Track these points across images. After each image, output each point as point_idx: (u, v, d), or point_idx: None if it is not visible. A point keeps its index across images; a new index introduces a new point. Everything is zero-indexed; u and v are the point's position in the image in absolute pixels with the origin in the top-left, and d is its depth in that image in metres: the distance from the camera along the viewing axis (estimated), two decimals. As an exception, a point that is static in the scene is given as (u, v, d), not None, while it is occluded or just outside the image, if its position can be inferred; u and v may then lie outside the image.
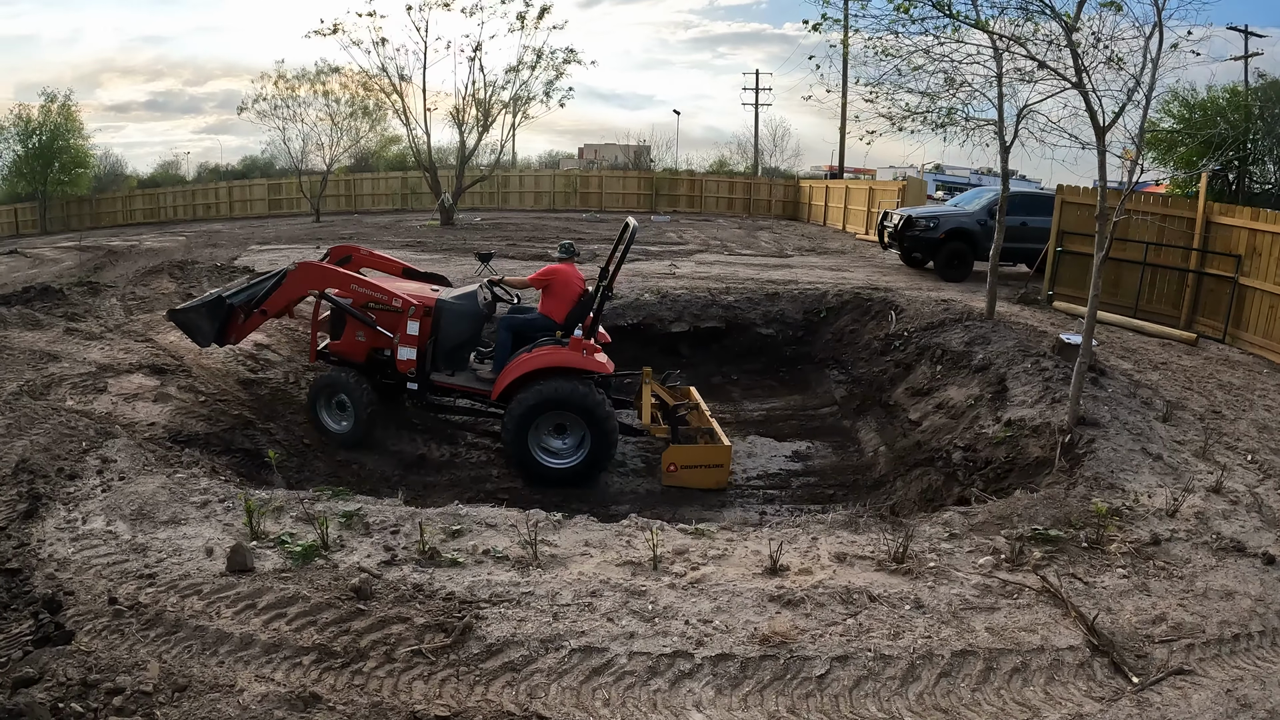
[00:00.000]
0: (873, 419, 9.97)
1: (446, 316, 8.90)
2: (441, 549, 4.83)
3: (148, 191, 45.02)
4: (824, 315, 12.88)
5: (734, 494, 8.56)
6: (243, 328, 9.31)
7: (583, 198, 39.10)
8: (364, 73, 29.54)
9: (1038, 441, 6.86)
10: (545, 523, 5.27)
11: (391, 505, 5.66)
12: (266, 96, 34.11)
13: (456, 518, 5.34)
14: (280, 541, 4.95)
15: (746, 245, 22.40)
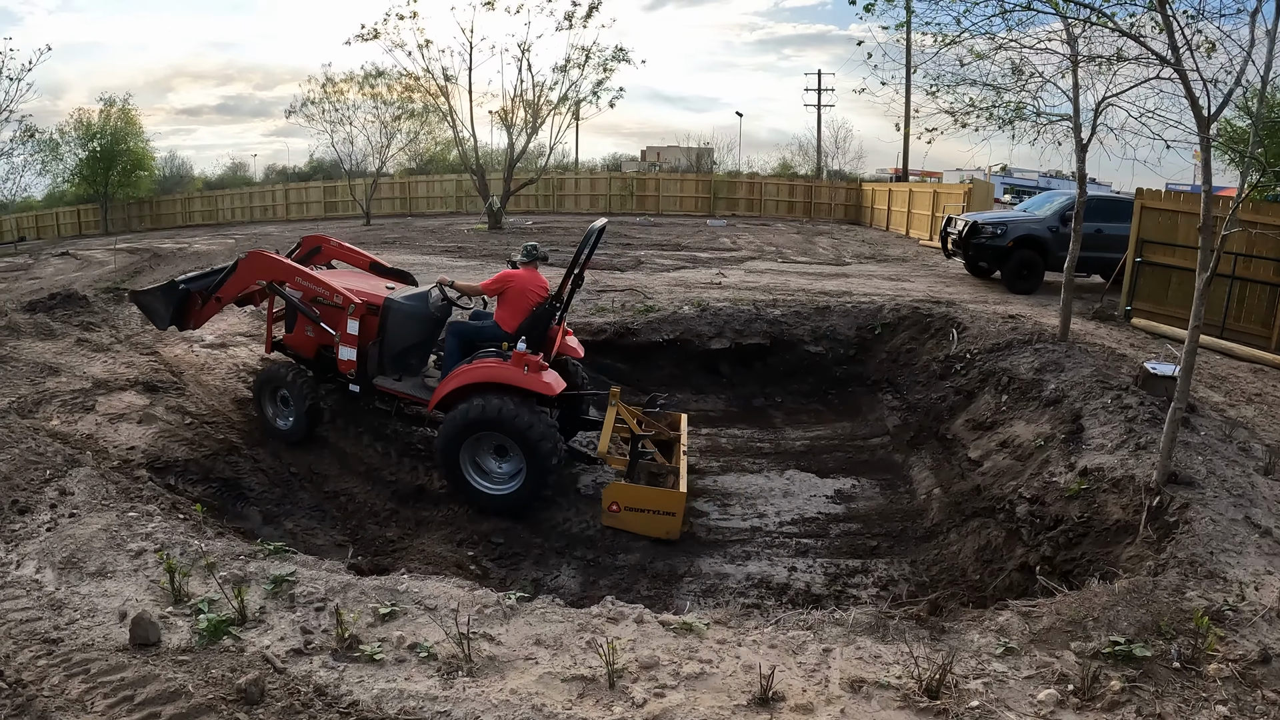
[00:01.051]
0: (928, 454, 8.88)
1: (394, 317, 8.52)
2: (365, 637, 4.10)
3: (207, 194, 45.82)
4: (878, 332, 11.79)
5: (763, 541, 7.60)
6: (200, 314, 9.39)
7: (640, 201, 38.34)
8: (409, 75, 29.25)
9: (1119, 500, 5.74)
10: (494, 610, 4.38)
11: (330, 571, 4.95)
12: (314, 100, 34.24)
13: (394, 594, 4.56)
14: (197, 610, 4.37)
15: (803, 252, 21.30)
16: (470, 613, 4.27)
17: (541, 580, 7.09)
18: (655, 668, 3.74)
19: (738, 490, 8.81)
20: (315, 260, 9.74)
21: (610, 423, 8.37)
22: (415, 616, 4.32)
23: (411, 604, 4.45)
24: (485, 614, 4.35)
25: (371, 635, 4.13)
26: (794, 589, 6.71)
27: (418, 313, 8.79)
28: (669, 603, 6.59)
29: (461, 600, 4.47)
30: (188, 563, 4.92)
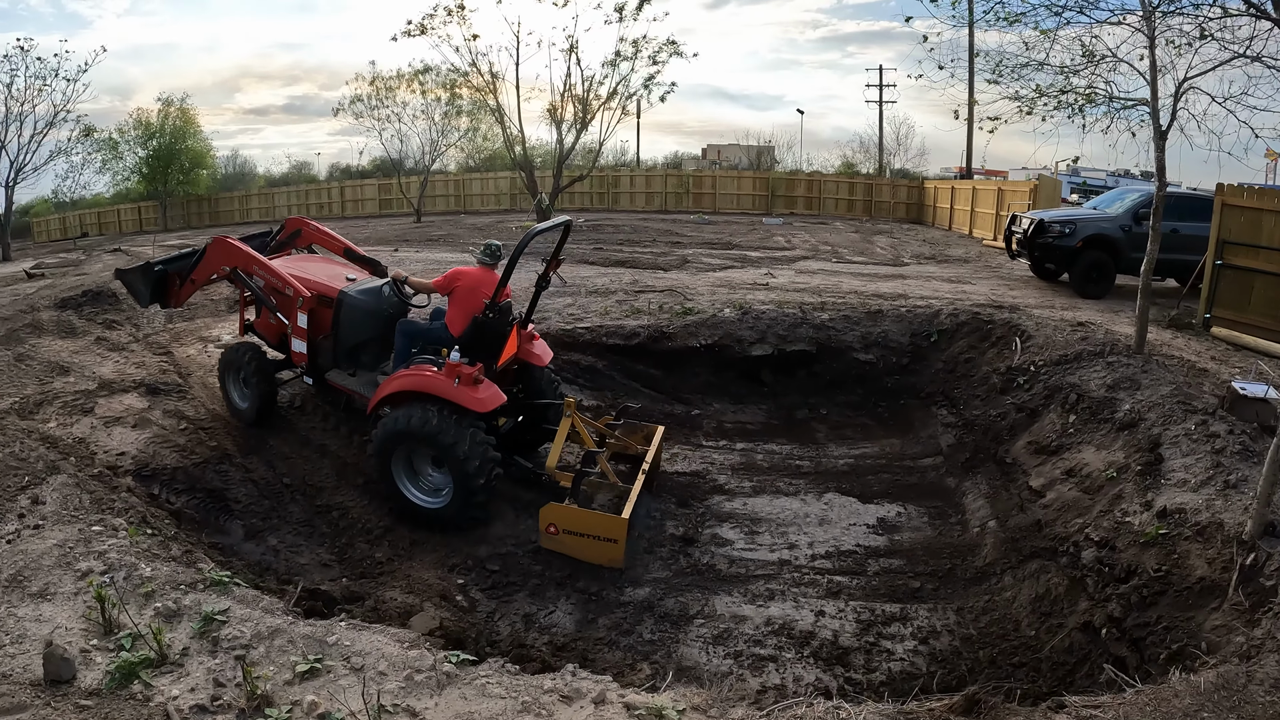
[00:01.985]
0: (984, 480, 8.00)
1: (347, 311, 8.33)
2: (278, 697, 3.63)
3: (264, 191, 46.39)
4: (934, 339, 10.88)
5: (791, 578, 6.84)
6: (179, 294, 9.50)
7: (696, 199, 37.55)
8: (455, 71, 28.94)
9: (1203, 551, 4.84)
10: (426, 676, 3.76)
11: (265, 612, 4.45)
12: (362, 97, 34.30)
13: (322, 647, 4.03)
14: (120, 647, 4.02)
15: (860, 252, 20.34)
16: (398, 679, 3.73)
17: (534, 616, 6.46)
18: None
19: (769, 515, 8.05)
20: (297, 243, 9.87)
21: (562, 436, 7.86)
22: (339, 676, 3.81)
23: (339, 660, 3.95)
24: (415, 681, 3.80)
25: (285, 696, 3.67)
26: (819, 639, 5.93)
27: (371, 308, 8.47)
28: (672, 650, 5.94)
29: (393, 661, 3.91)
30: (128, 589, 4.59)
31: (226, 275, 9.14)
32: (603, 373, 11.17)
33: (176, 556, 5.46)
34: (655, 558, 7.39)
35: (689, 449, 9.77)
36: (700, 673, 5.68)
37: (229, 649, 4.06)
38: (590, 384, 11.02)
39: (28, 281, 19.80)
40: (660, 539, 7.71)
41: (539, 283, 8.22)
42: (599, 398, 10.81)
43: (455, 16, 26.81)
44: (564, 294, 13.74)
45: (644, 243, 22.66)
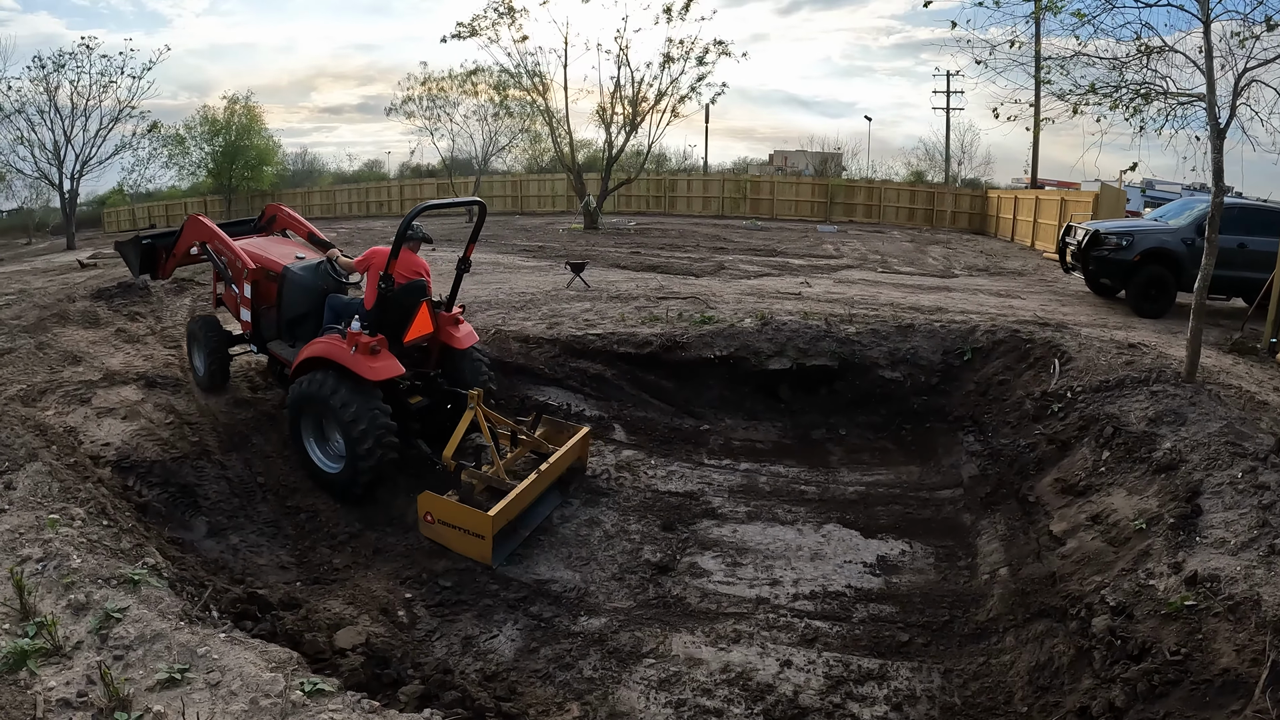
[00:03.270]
0: (1002, 519, 7.06)
1: (288, 286, 8.73)
2: (136, 702, 3.71)
3: (327, 189, 46.87)
4: (968, 358, 9.91)
5: (765, 619, 6.06)
6: (165, 267, 10.20)
7: (754, 204, 36.63)
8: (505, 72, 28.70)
9: (1232, 634, 3.91)
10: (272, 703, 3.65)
11: (160, 614, 4.44)
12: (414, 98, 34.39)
13: (193, 657, 4.06)
14: (25, 634, 4.15)
15: (910, 262, 19.29)
16: (244, 701, 3.71)
17: (474, 639, 5.94)
18: None
19: (758, 546, 7.27)
20: (274, 227, 10.41)
21: (463, 427, 7.75)
22: (194, 690, 3.84)
23: (201, 672, 3.96)
24: (259, 705, 3.71)
25: (142, 701, 3.73)
26: (776, 694, 5.14)
27: (309, 284, 8.75)
28: (610, 692, 5.30)
29: (248, 681, 3.85)
30: (54, 579, 4.73)
31: (199, 250, 9.70)
32: (610, 382, 10.47)
33: (124, 550, 5.40)
34: (623, 585, 6.73)
35: (688, 467, 9.03)
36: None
37: (113, 648, 4.13)
38: (596, 393, 10.34)
39: (80, 271, 20.09)
40: (633, 565, 7.03)
41: (459, 266, 8.70)
42: (604, 408, 10.15)
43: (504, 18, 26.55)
44: (583, 298, 13.12)
45: (686, 248, 21.93)
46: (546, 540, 7.49)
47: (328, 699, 3.80)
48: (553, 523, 7.82)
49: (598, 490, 8.48)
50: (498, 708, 4.98)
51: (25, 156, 35.77)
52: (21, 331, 11.66)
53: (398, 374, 7.52)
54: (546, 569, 7.00)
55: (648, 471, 8.93)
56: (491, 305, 12.78)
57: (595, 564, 7.08)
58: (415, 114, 36.00)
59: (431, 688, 5.04)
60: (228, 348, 9.45)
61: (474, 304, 12.97)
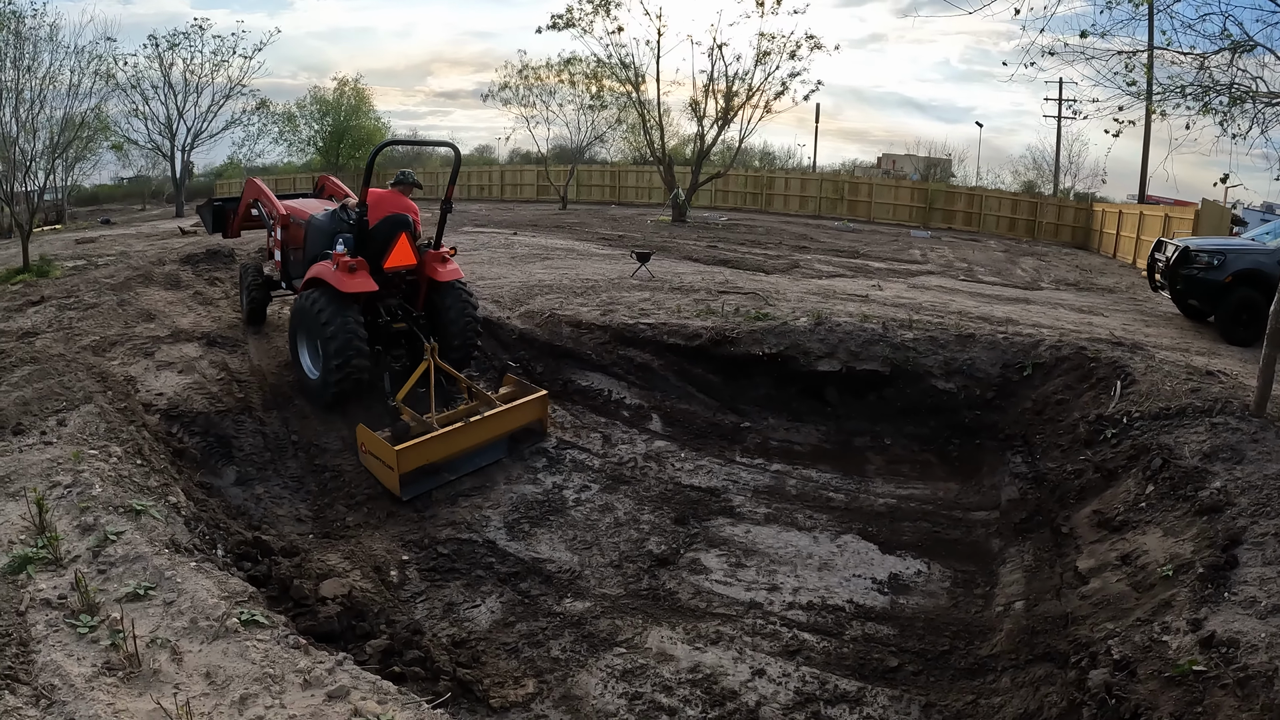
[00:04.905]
0: (1031, 549, 6.38)
1: (310, 231, 9.47)
2: (104, 608, 4.06)
3: (431, 170, 47.46)
4: (1027, 373, 9.09)
5: (752, 624, 5.66)
6: (234, 225, 11.46)
7: (851, 206, 35.40)
8: (599, 62, 28.46)
9: (1236, 712, 3.27)
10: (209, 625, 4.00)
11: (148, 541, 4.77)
12: (509, 85, 34.57)
13: (160, 578, 4.39)
14: (33, 544, 4.61)
15: (997, 272, 18.20)
16: (185, 620, 4.03)
17: (456, 606, 5.95)
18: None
19: (768, 549, 6.82)
20: (324, 194, 11.15)
21: (417, 375, 8.39)
22: (151, 605, 4.16)
23: (164, 592, 4.28)
24: (198, 626, 4.00)
25: (107, 609, 4.05)
26: (738, 703, 4.77)
27: (327, 226, 9.31)
28: (571, 674, 5.17)
29: (197, 604, 4.15)
30: (72, 503, 5.11)
31: (253, 207, 10.88)
32: (656, 372, 10.11)
33: (150, 487, 5.70)
34: (618, 573, 6.49)
35: (718, 463, 8.62)
36: (581, 706, 4.83)
37: (100, 564, 4.48)
38: (640, 382, 10.00)
39: (179, 238, 20.90)
40: (634, 554, 6.74)
41: (442, 207, 9.56)
42: (646, 397, 9.83)
43: (600, 9, 26.29)
44: (644, 288, 12.75)
45: (768, 245, 21.29)
46: (555, 520, 7.35)
47: (259, 631, 4.02)
48: (566, 502, 7.67)
49: (619, 477, 8.19)
50: (454, 672, 4.99)
51: (139, 128, 37.73)
52: (108, 289, 12.22)
53: (369, 289, 8.23)
54: (547, 548, 6.84)
55: (675, 464, 8.56)
56: (553, 289, 12.61)
57: (597, 549, 6.84)
58: (511, 101, 36.23)
59: (397, 644, 5.15)
60: (266, 289, 10.48)
61: (536, 287, 12.80)
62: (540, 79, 34.55)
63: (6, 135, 16.98)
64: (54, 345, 9.24)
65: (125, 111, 36.82)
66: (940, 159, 48.75)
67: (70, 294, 12.24)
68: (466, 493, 7.74)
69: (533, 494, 7.81)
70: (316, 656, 3.88)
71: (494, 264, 15.72)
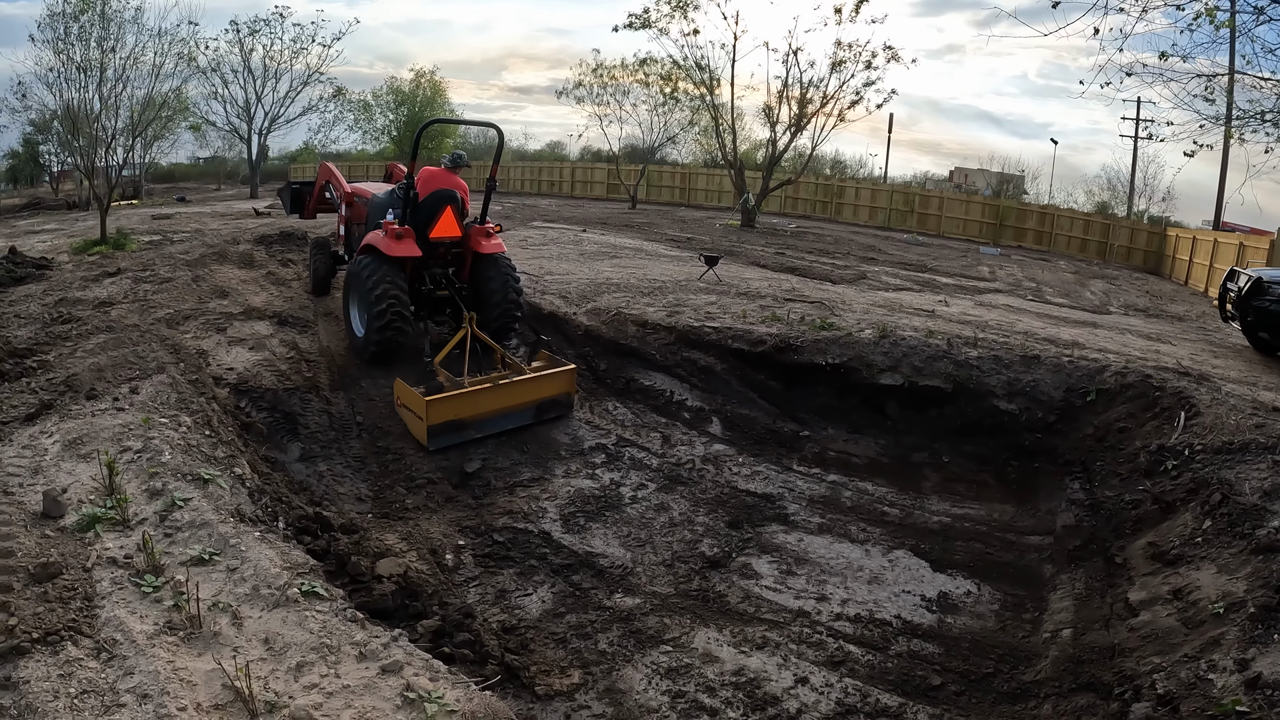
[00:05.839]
0: (1083, 577, 6.27)
1: (371, 208, 10.14)
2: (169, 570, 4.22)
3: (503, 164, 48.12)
4: (1091, 399, 8.90)
5: (799, 632, 5.68)
6: (309, 206, 12.38)
7: (921, 219, 34.79)
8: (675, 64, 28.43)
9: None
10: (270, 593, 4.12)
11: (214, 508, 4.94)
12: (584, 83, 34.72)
13: (225, 545, 4.52)
14: (102, 504, 4.82)
15: (1065, 294, 17.75)
16: (247, 587, 4.15)
17: (508, 593, 6.03)
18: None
19: (819, 559, 6.83)
20: (393, 180, 11.34)
21: (455, 340, 8.91)
22: (215, 570, 4.28)
23: (228, 558, 4.40)
24: (260, 593, 4.11)
25: (171, 571, 4.20)
26: (779, 709, 4.80)
27: (384, 203, 9.83)
28: (616, 668, 5.21)
29: (260, 573, 4.28)
30: (141, 467, 5.32)
31: (325, 190, 11.85)
32: (718, 376, 10.15)
33: (216, 457, 5.87)
34: (670, 572, 6.55)
35: (775, 470, 8.63)
36: (624, 700, 4.88)
37: (166, 528, 4.65)
38: (702, 385, 10.06)
39: (254, 218, 21.46)
40: (687, 555, 6.80)
41: (487, 185, 10.03)
42: (706, 400, 9.89)
43: (676, 10, 26.26)
44: (711, 291, 12.78)
45: (835, 254, 21.10)
46: (611, 516, 7.43)
47: (319, 603, 4.11)
48: (623, 499, 7.76)
49: (677, 478, 8.27)
50: (502, 657, 5.06)
51: (218, 111, 38.83)
52: (184, 265, 12.66)
53: (413, 255, 8.91)
54: (601, 543, 6.92)
55: (732, 468, 8.60)
56: (620, 288, 12.70)
57: (650, 547, 6.91)
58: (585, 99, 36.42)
59: (448, 626, 5.21)
60: (331, 263, 11.29)
61: (604, 284, 12.91)
62: (615, 78, 34.68)
63: (90, 112, 17.61)
64: (129, 316, 9.65)
65: (205, 94, 37.97)
66: (1013, 175, 47.49)
67: (146, 267, 12.68)
68: (525, 483, 7.87)
69: (590, 489, 7.91)
70: (372, 631, 3.96)
71: (562, 260, 15.85)
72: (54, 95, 18.66)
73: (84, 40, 18.00)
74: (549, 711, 4.78)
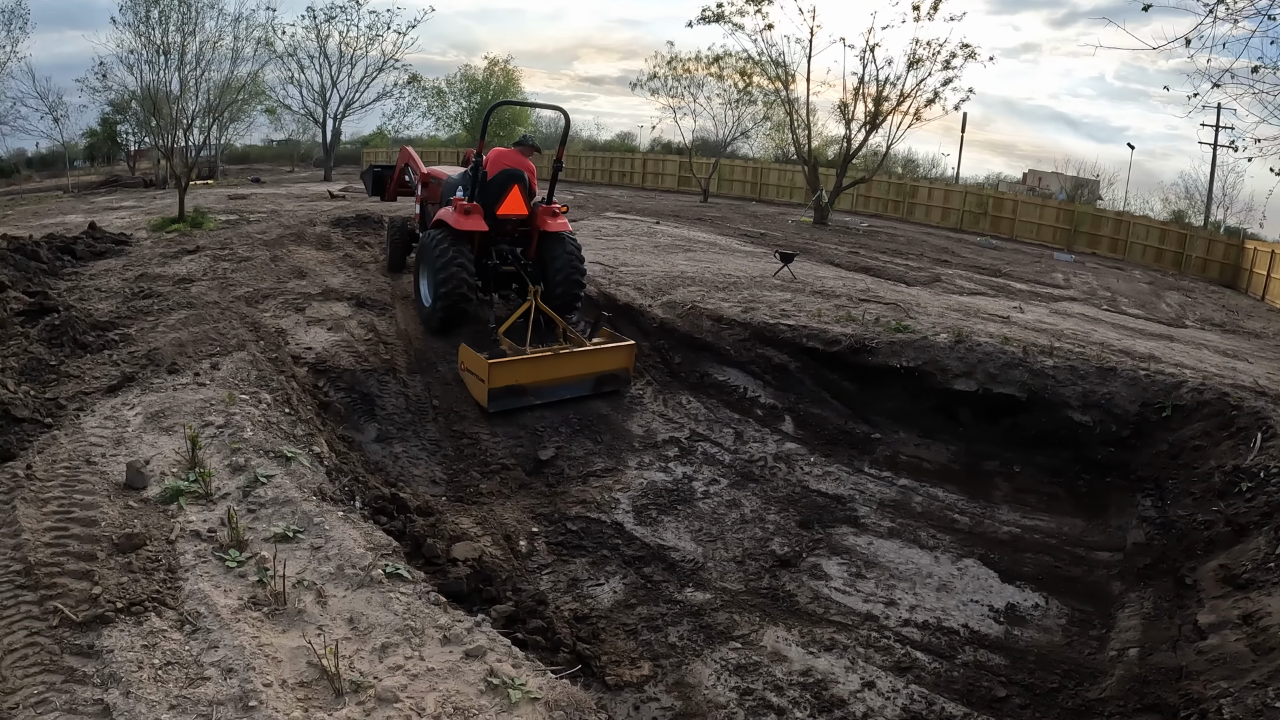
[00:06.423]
0: (1152, 597, 6.21)
1: (445, 188, 10.45)
2: (252, 545, 4.27)
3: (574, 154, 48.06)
4: (1166, 415, 8.71)
5: (866, 636, 5.74)
6: (390, 189, 12.91)
7: (994, 221, 33.86)
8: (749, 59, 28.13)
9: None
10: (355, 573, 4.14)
11: (297, 486, 4.99)
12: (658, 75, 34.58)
13: (309, 523, 4.55)
14: (184, 478, 4.87)
15: (1140, 305, 17.22)
16: (332, 566, 4.18)
17: (580, 582, 6.14)
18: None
19: (888, 563, 6.87)
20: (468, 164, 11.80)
21: (520, 312, 9.32)
22: (298, 547, 4.31)
23: (311, 536, 4.43)
24: (344, 573, 4.13)
25: (255, 547, 4.24)
26: (846, 712, 4.88)
27: (456, 182, 10.20)
28: (686, 662, 5.28)
29: (344, 552, 4.30)
30: (223, 443, 5.40)
31: (405, 173, 12.44)
32: (792, 374, 10.18)
33: (295, 435, 5.96)
34: (740, 568, 6.64)
35: (846, 471, 8.68)
36: (693, 694, 4.96)
37: (250, 504, 4.70)
38: (776, 382, 10.11)
39: (328, 201, 21.87)
40: (757, 552, 6.90)
41: (554, 166, 10.32)
42: (780, 398, 9.93)
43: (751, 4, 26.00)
44: (786, 288, 12.78)
45: (909, 255, 20.80)
46: (683, 510, 7.52)
47: (402, 584, 4.10)
48: (695, 494, 7.83)
49: (749, 475, 8.36)
50: (574, 645, 5.12)
51: (294, 95, 39.55)
52: (262, 245, 12.95)
53: (480, 229, 9.27)
54: (673, 536, 7.02)
55: (804, 467, 8.66)
56: (695, 282, 12.74)
57: (721, 543, 7.00)
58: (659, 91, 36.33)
59: (521, 612, 5.25)
60: (407, 240, 11.82)
61: (678, 278, 12.98)
62: (689, 71, 34.50)
63: (169, 93, 18.09)
64: (209, 293, 9.82)
65: (281, 78, 38.55)
66: (1088, 179, 45.79)
67: (224, 246, 12.92)
68: (598, 473, 7.99)
69: (663, 482, 8.00)
70: (455, 615, 3.95)
71: (637, 251, 15.88)
72: (134, 77, 19.15)
73: (164, 24, 18.50)
74: (618, 702, 4.81)
